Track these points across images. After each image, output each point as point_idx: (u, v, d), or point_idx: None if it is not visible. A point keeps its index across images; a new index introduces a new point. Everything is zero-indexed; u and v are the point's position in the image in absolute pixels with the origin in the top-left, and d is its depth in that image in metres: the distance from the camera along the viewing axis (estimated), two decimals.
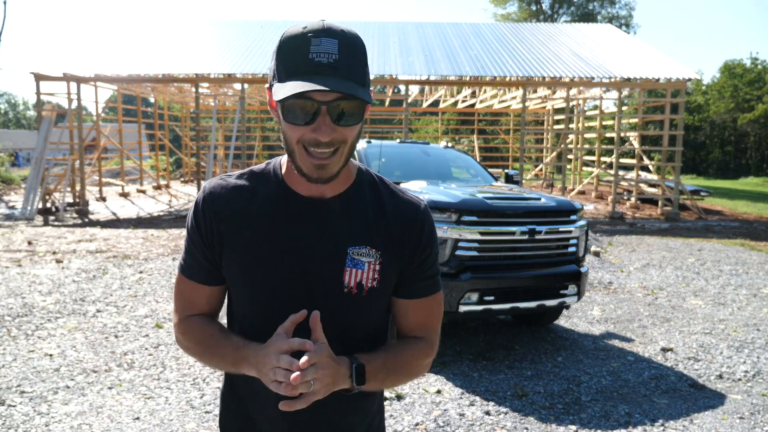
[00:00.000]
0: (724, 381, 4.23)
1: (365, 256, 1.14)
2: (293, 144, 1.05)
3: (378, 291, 1.16)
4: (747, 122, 40.07)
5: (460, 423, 3.48)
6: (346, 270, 1.12)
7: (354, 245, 1.13)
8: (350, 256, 1.13)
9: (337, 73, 0.99)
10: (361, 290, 1.14)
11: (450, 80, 15.02)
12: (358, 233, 1.14)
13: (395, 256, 1.17)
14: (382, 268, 1.15)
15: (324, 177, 1.07)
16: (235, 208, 1.14)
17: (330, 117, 1.01)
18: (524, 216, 4.64)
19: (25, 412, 3.46)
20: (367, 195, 1.18)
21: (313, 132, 1.02)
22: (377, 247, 1.15)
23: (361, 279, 1.13)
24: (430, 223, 1.22)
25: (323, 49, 1.00)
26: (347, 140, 1.05)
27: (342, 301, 1.13)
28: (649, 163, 16.04)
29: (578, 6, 44.93)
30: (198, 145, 15.63)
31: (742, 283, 7.36)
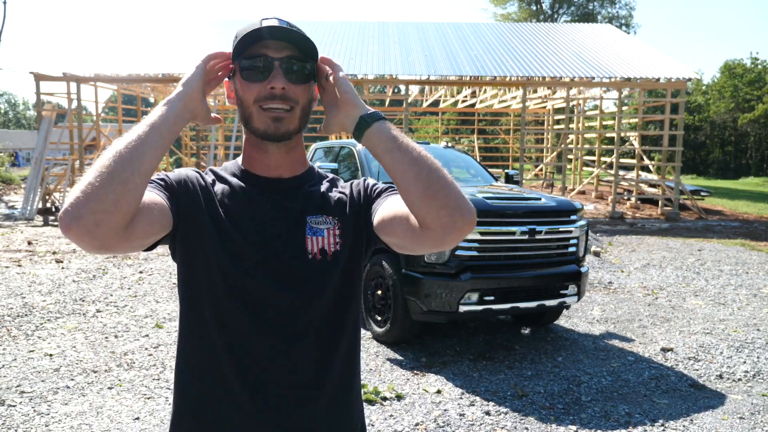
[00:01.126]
0: (724, 381, 4.23)
1: (323, 223, 1.19)
2: (250, 105, 1.13)
3: (342, 253, 1.20)
4: (747, 122, 40.08)
5: (460, 423, 3.48)
6: (307, 238, 1.17)
7: (311, 215, 1.19)
8: (309, 224, 1.18)
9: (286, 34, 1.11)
10: (325, 255, 1.17)
11: (450, 80, 15.03)
12: (314, 204, 1.21)
13: (352, 220, 1.22)
14: (342, 231, 1.20)
15: (280, 130, 1.13)
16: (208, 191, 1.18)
17: (282, 72, 1.11)
18: (524, 216, 4.64)
19: (25, 412, 3.46)
20: (321, 179, 1.28)
21: (269, 83, 1.10)
22: (332, 214, 1.21)
23: (323, 245, 1.18)
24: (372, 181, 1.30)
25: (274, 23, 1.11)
26: (299, 100, 1.13)
27: (309, 267, 1.16)
28: (649, 163, 16.04)
29: (578, 6, 44.94)
30: (198, 145, 15.63)
31: (742, 283, 7.36)
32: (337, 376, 1.20)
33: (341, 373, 1.21)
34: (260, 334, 1.13)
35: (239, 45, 1.12)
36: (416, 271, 4.45)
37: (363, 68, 15.02)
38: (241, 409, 1.14)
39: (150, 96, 19.82)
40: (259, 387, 1.14)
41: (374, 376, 4.15)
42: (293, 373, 1.15)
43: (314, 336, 1.17)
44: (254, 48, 1.11)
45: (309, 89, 1.16)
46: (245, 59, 1.12)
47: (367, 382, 4.00)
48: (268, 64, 1.11)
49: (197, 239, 1.13)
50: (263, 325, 1.13)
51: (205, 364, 1.18)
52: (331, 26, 19.40)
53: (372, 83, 16.35)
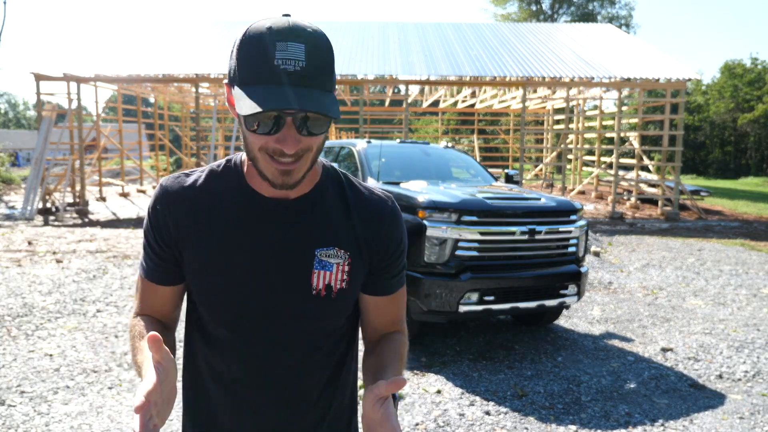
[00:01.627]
0: (724, 381, 4.23)
1: (333, 257, 1.10)
2: (255, 151, 1.00)
3: (347, 291, 1.13)
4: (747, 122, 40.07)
5: (460, 423, 3.48)
6: (314, 272, 1.09)
7: (321, 247, 1.10)
8: (318, 257, 1.09)
9: (303, 82, 0.92)
10: (330, 292, 1.11)
11: (450, 80, 15.03)
12: (325, 234, 1.11)
13: (364, 255, 1.14)
14: (351, 268, 1.12)
15: (289, 183, 1.01)
16: (194, 208, 1.09)
17: (297, 128, 0.96)
18: (524, 216, 4.64)
19: (25, 412, 3.46)
20: (333, 195, 1.14)
21: (277, 143, 0.96)
22: (345, 247, 1.11)
23: (329, 281, 1.10)
24: (399, 219, 1.18)
25: (289, 55, 0.92)
26: (312, 148, 1.00)
27: (310, 304, 1.10)
28: (649, 163, 16.04)
29: (578, 6, 44.93)
30: (198, 145, 15.63)
31: (742, 283, 7.36)
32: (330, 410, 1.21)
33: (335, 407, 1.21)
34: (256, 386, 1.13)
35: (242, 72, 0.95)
36: (416, 271, 4.45)
37: (363, 68, 15.02)
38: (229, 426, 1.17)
39: (150, 96, 19.82)
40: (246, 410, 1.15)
41: None
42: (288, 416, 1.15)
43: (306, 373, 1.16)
44: None
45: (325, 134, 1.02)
46: None
47: None
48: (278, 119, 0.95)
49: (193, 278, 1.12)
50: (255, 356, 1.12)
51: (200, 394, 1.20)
52: (331, 26, 19.40)
53: (372, 83, 16.34)
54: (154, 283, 1.15)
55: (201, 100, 15.95)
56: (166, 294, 1.16)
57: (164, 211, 1.10)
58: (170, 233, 1.10)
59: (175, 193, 1.11)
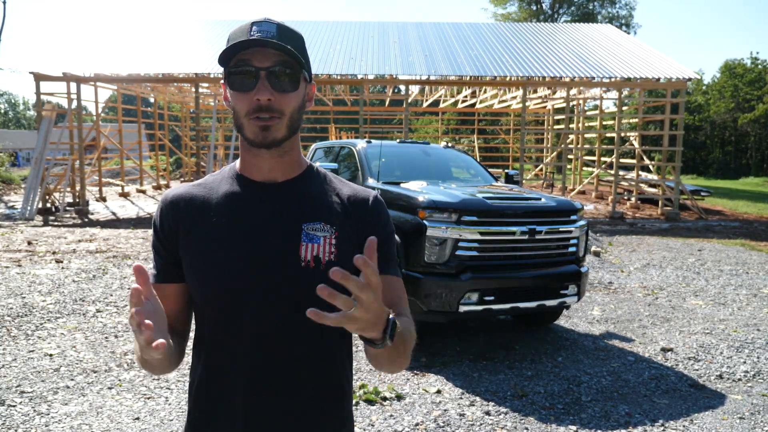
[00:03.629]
0: (724, 381, 4.23)
1: (320, 231, 1.17)
2: (242, 117, 1.13)
3: (336, 264, 1.13)
4: (747, 122, 40.08)
5: (460, 423, 3.48)
6: (302, 245, 1.15)
7: (308, 222, 1.17)
8: (305, 231, 1.16)
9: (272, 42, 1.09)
10: (318, 264, 1.14)
11: (450, 80, 15.03)
12: (312, 211, 1.19)
13: (351, 232, 1.20)
14: (339, 242, 1.17)
15: (268, 139, 1.13)
16: (194, 204, 1.21)
17: (269, 82, 1.10)
18: (524, 216, 4.64)
19: (25, 412, 3.46)
20: (319, 182, 1.25)
21: (255, 95, 1.10)
22: (331, 222, 1.18)
23: (317, 252, 1.15)
24: (384, 208, 1.27)
25: (261, 29, 1.10)
26: (285, 110, 1.13)
27: (301, 276, 1.14)
28: (649, 163, 16.04)
29: (578, 6, 44.93)
30: (198, 145, 15.63)
31: (742, 283, 7.36)
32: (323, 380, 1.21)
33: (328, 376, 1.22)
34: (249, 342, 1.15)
35: (227, 52, 1.12)
36: (416, 271, 4.45)
37: (363, 68, 15.02)
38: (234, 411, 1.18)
39: (150, 96, 19.82)
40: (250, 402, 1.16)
41: (374, 376, 4.14)
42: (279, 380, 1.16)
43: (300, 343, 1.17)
44: (241, 55, 1.12)
45: (298, 96, 1.16)
46: (232, 68, 1.13)
47: (367, 382, 4.00)
48: (254, 73, 1.12)
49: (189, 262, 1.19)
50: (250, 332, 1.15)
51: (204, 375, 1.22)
52: (331, 26, 19.40)
53: (372, 83, 16.35)
54: (159, 284, 1.21)
55: (201, 100, 15.94)
56: (171, 292, 1.22)
57: (167, 213, 1.21)
58: (172, 231, 1.20)
59: (177, 196, 1.23)
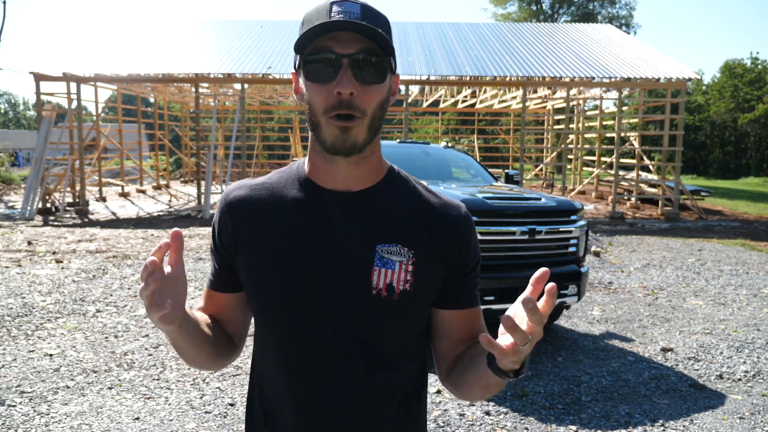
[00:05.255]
0: (724, 381, 4.23)
1: (396, 254, 1.01)
2: (319, 115, 0.97)
3: (412, 296, 1.01)
4: (747, 122, 40.08)
5: (460, 423, 3.48)
6: (374, 269, 1.00)
7: (382, 243, 1.01)
8: (378, 254, 1.00)
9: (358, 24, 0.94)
10: (391, 293, 1.00)
11: (450, 80, 15.02)
12: (388, 229, 1.02)
13: (433, 259, 1.04)
14: (416, 269, 1.02)
15: (348, 143, 0.97)
16: (256, 209, 1.06)
17: (352, 71, 0.95)
18: (524, 216, 4.64)
19: (25, 412, 3.46)
20: (400, 190, 1.07)
21: (336, 88, 0.94)
22: (409, 245, 1.02)
23: (391, 280, 1.00)
24: (473, 228, 1.10)
25: (344, 9, 0.95)
26: (367, 109, 0.97)
27: (370, 304, 1.00)
28: (649, 163, 16.03)
29: (578, 6, 44.93)
30: (198, 145, 15.62)
31: (742, 283, 7.36)
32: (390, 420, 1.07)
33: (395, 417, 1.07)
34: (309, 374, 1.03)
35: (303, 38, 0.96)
36: None
37: None
38: None
39: (150, 96, 19.81)
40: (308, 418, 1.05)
41: None
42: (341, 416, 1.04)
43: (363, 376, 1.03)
44: (320, 41, 0.95)
45: (383, 89, 0.99)
46: (309, 55, 0.96)
47: None
48: (335, 61, 0.95)
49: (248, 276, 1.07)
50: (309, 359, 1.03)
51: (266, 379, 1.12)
52: None
53: None
54: (213, 291, 1.13)
55: (201, 100, 15.95)
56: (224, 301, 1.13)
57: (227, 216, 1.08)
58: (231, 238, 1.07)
59: (238, 198, 1.09)
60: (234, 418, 3.47)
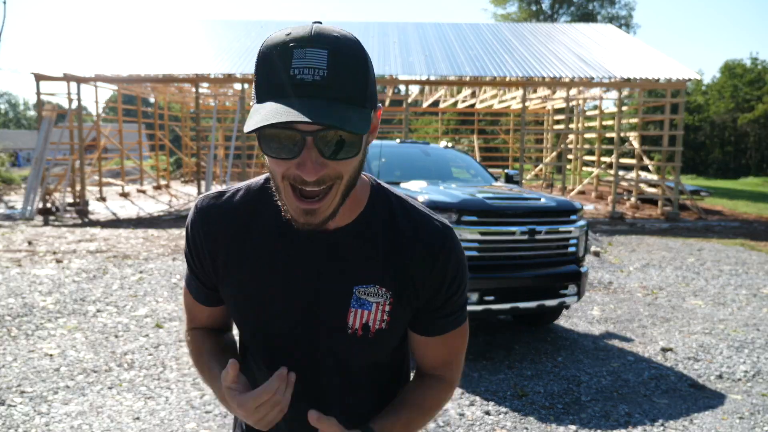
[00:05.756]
0: (724, 381, 4.24)
1: (372, 296, 1.01)
2: (278, 180, 0.87)
3: (386, 333, 1.04)
4: (747, 122, 40.07)
5: (460, 423, 3.48)
6: (350, 311, 1.01)
7: (360, 284, 1.00)
8: (356, 295, 1.00)
9: (323, 94, 0.79)
10: (367, 332, 1.02)
11: (450, 80, 15.03)
12: (366, 270, 1.01)
13: (409, 296, 1.03)
14: (393, 308, 1.02)
15: (313, 223, 0.89)
16: (231, 233, 1.02)
17: (318, 150, 0.82)
18: (524, 216, 4.64)
19: (25, 412, 3.46)
20: (380, 223, 1.02)
21: (297, 168, 0.82)
22: (387, 285, 1.01)
23: (367, 320, 1.01)
24: (456, 254, 1.06)
25: (307, 63, 0.79)
26: (343, 176, 0.86)
27: (345, 343, 1.03)
28: (649, 163, 16.03)
29: (578, 6, 44.92)
30: (198, 145, 15.63)
31: (742, 283, 7.36)
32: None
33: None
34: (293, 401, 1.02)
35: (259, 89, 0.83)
36: None
37: None
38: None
39: (150, 96, 19.82)
40: None
41: None
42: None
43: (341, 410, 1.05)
44: None
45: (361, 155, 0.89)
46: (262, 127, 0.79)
47: None
48: (298, 139, 0.81)
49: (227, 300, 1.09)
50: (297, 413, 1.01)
51: None
52: None
53: None
54: (198, 303, 1.15)
55: (201, 100, 15.95)
56: (212, 313, 1.16)
57: (199, 236, 1.04)
58: (207, 259, 1.05)
59: (210, 217, 1.03)
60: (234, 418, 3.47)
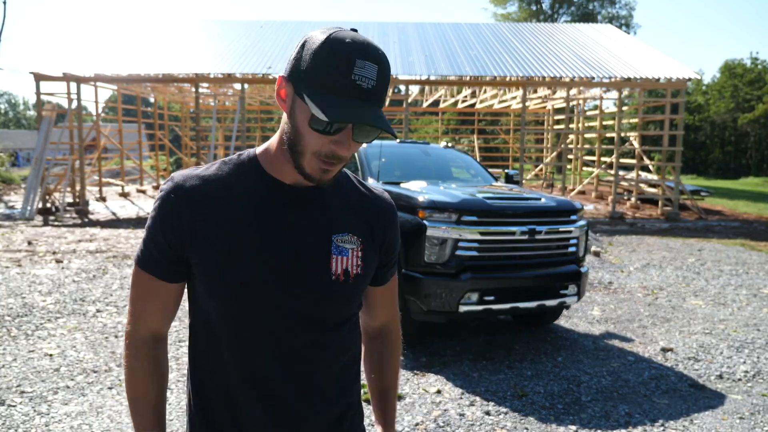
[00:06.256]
0: (724, 381, 4.23)
1: (348, 243, 1.15)
2: (308, 151, 1.04)
3: (362, 277, 1.17)
4: (747, 122, 40.07)
5: (460, 423, 3.48)
6: (332, 257, 1.13)
7: (337, 232, 1.15)
8: (335, 243, 1.14)
9: (371, 99, 1.01)
10: (347, 277, 1.14)
11: (450, 80, 15.03)
12: (340, 220, 1.16)
13: (373, 243, 1.21)
14: (364, 254, 1.17)
15: (324, 179, 1.08)
16: (213, 202, 1.09)
17: (354, 134, 1.03)
18: (524, 216, 4.64)
19: (25, 412, 3.46)
20: (346, 186, 1.22)
21: (333, 144, 1.02)
22: (357, 233, 1.17)
23: (346, 266, 1.14)
24: (397, 216, 1.30)
25: (366, 74, 1.00)
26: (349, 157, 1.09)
27: (330, 288, 1.13)
28: (649, 163, 16.03)
29: (578, 6, 44.92)
30: (198, 145, 15.63)
31: (742, 283, 7.36)
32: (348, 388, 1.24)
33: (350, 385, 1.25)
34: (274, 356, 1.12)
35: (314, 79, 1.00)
36: (416, 271, 4.45)
37: None
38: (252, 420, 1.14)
39: (150, 96, 19.81)
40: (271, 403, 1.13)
41: None
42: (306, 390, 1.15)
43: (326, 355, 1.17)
44: None
45: None
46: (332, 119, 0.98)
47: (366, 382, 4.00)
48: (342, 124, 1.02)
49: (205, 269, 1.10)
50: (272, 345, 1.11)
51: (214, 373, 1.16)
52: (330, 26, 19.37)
53: None
54: (156, 278, 1.13)
55: (201, 100, 15.95)
56: (168, 293, 1.15)
57: (175, 205, 1.09)
58: (182, 228, 1.08)
59: (187, 186, 1.10)
60: None
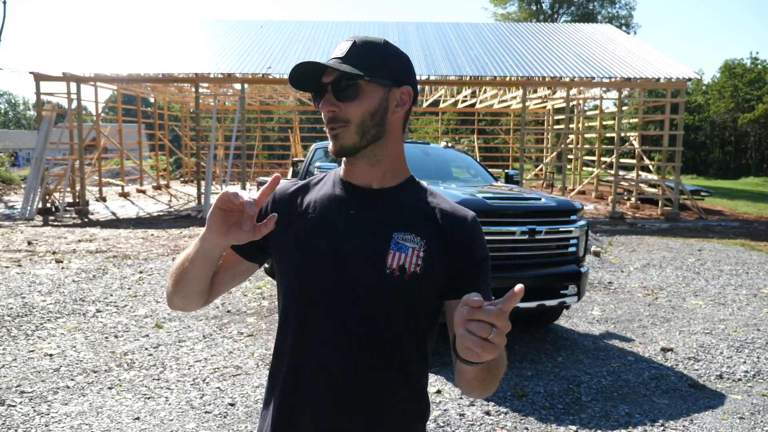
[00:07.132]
0: (724, 381, 4.23)
1: (410, 241, 1.17)
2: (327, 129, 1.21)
3: (421, 277, 1.16)
4: (747, 122, 40.08)
5: (460, 423, 3.48)
6: (389, 252, 1.16)
7: (399, 231, 1.18)
8: (395, 240, 1.17)
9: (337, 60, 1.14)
10: (403, 273, 1.15)
11: (450, 80, 15.02)
12: (404, 221, 1.20)
13: (441, 248, 1.19)
14: (426, 255, 1.17)
15: (336, 146, 1.18)
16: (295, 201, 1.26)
17: (333, 94, 1.16)
18: (524, 216, 4.64)
19: (25, 412, 3.46)
20: (414, 193, 1.26)
21: (322, 108, 1.17)
22: (422, 235, 1.18)
23: (403, 262, 1.15)
24: (480, 231, 1.26)
25: (339, 48, 1.17)
26: (350, 118, 1.16)
27: (383, 282, 1.15)
28: (649, 163, 16.03)
29: (578, 6, 44.92)
30: (198, 145, 15.62)
31: (742, 283, 7.36)
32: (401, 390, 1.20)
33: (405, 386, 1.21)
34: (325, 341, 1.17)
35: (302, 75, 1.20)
36: None
37: None
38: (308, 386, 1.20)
39: (150, 96, 19.81)
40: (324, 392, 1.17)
41: None
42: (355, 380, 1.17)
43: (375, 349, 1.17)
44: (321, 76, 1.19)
45: (365, 103, 1.17)
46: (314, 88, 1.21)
47: None
48: (322, 90, 1.18)
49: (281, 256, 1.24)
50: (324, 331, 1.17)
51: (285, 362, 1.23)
52: (331, 26, 19.40)
53: None
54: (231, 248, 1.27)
55: (201, 100, 15.94)
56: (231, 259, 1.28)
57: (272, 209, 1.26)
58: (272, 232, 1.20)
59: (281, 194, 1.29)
60: (234, 418, 3.47)
